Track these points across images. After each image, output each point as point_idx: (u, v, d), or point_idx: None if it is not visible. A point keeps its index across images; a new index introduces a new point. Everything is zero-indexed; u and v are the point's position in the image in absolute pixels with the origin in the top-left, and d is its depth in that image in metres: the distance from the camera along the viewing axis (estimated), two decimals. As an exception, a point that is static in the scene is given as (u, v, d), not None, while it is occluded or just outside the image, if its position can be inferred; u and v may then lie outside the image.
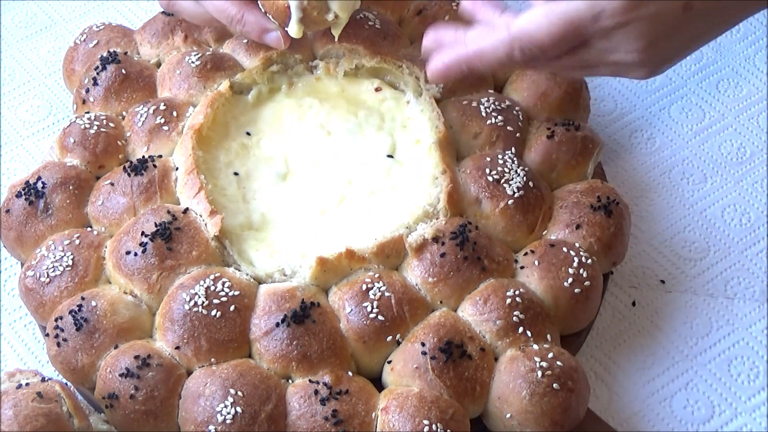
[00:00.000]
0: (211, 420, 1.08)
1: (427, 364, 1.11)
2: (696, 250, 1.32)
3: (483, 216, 1.23)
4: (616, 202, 1.25)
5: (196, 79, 1.33)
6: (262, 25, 1.28)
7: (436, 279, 1.17)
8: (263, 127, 1.32)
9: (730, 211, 1.36)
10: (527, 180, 1.25)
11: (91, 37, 1.43)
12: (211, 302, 1.14)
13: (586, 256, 1.20)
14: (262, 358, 1.13)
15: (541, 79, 1.35)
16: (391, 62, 1.34)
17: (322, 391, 1.10)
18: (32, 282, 1.20)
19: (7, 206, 1.25)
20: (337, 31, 1.29)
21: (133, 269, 1.17)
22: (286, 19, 1.25)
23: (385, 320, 1.14)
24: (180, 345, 1.13)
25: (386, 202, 1.25)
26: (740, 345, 1.24)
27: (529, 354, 1.12)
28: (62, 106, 1.48)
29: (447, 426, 1.07)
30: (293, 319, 1.13)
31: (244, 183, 1.27)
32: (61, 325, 1.14)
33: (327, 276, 1.17)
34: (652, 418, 1.18)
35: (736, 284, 1.29)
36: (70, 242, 1.21)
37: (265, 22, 1.28)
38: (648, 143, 1.43)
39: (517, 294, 1.16)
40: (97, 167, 1.29)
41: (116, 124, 1.32)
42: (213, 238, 1.19)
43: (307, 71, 1.36)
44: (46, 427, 1.01)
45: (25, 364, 1.24)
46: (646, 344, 1.24)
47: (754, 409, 1.19)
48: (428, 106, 1.30)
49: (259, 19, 1.28)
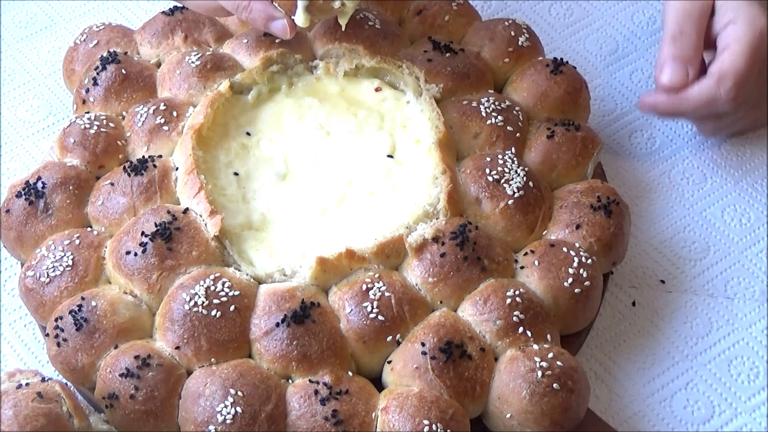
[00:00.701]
0: (211, 420, 1.08)
1: (427, 364, 1.11)
2: (696, 250, 1.32)
3: (483, 216, 1.23)
4: (616, 202, 1.25)
5: (196, 79, 1.33)
6: (268, 12, 1.27)
7: (436, 279, 1.17)
8: (263, 127, 1.32)
9: (730, 211, 1.36)
10: (527, 180, 1.25)
11: (91, 37, 1.43)
12: (211, 302, 1.14)
13: (586, 256, 1.20)
14: (262, 358, 1.13)
15: (541, 79, 1.35)
16: (391, 62, 1.34)
17: (322, 391, 1.10)
18: (32, 282, 1.20)
19: (7, 206, 1.25)
20: (344, 20, 1.29)
21: (133, 269, 1.17)
22: (293, 8, 1.25)
23: (385, 320, 1.14)
24: (180, 345, 1.13)
25: (386, 202, 1.25)
26: (740, 345, 1.24)
27: (529, 354, 1.12)
28: (62, 106, 1.48)
29: (447, 426, 1.07)
30: (293, 319, 1.13)
31: (244, 183, 1.27)
32: (61, 325, 1.14)
33: (327, 276, 1.17)
34: (652, 418, 1.18)
35: (736, 284, 1.29)
36: (70, 242, 1.21)
37: (272, 10, 1.27)
38: (648, 143, 1.43)
39: (517, 294, 1.16)
40: (97, 167, 1.29)
41: (116, 124, 1.32)
42: (213, 238, 1.19)
43: (307, 71, 1.36)
44: (46, 427, 1.01)
45: (25, 364, 1.24)
46: (646, 344, 1.24)
47: (754, 409, 1.19)
48: (428, 106, 1.30)
49: (266, 7, 1.27)
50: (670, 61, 1.28)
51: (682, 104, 1.28)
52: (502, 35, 1.40)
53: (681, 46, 1.28)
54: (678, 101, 1.28)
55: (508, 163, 1.26)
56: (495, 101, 1.32)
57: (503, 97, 1.35)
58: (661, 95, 1.30)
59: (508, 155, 1.27)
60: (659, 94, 1.30)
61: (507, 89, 1.38)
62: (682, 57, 1.27)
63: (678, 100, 1.28)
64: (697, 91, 1.27)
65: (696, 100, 1.27)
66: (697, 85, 1.27)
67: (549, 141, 1.30)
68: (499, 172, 1.24)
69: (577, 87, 1.36)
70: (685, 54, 1.27)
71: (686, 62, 1.27)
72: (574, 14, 1.58)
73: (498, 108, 1.31)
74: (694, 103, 1.27)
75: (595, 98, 1.45)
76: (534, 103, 1.34)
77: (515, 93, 1.36)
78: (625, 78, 1.50)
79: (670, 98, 1.28)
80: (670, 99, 1.28)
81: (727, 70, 1.25)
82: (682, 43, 1.28)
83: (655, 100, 1.30)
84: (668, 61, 1.28)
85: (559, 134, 1.30)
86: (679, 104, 1.29)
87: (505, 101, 1.33)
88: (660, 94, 1.30)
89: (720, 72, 1.26)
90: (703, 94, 1.26)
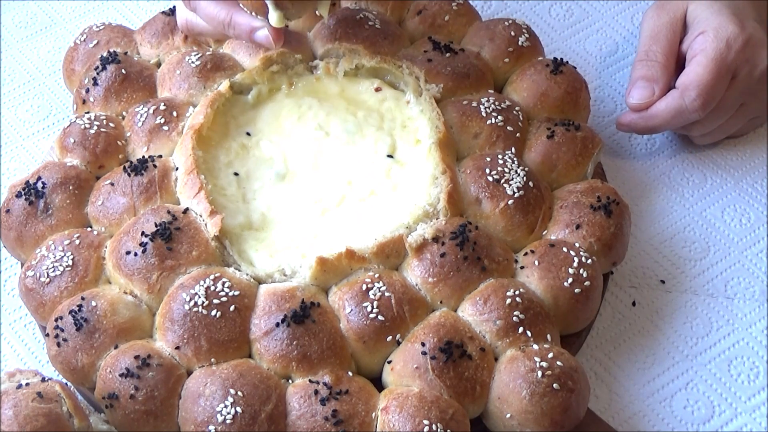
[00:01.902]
0: (211, 420, 1.08)
1: (427, 364, 1.11)
2: (696, 250, 1.32)
3: (483, 216, 1.23)
4: (616, 202, 1.25)
5: (196, 79, 1.33)
6: (250, 24, 1.27)
7: (436, 279, 1.17)
8: (263, 127, 1.32)
9: (730, 211, 1.36)
10: (527, 180, 1.25)
11: (91, 37, 1.43)
12: (211, 302, 1.14)
13: (586, 256, 1.20)
14: (262, 358, 1.13)
15: (541, 79, 1.35)
16: (391, 62, 1.34)
17: (322, 391, 1.10)
18: (32, 282, 1.20)
19: (7, 206, 1.25)
20: (324, 10, 1.28)
21: (133, 269, 1.17)
22: (264, 8, 1.23)
23: (385, 320, 1.14)
24: (180, 345, 1.13)
25: (386, 202, 1.25)
26: (740, 345, 1.24)
27: (529, 354, 1.12)
28: (62, 106, 1.48)
29: (447, 426, 1.07)
30: (293, 319, 1.13)
31: (244, 183, 1.27)
32: (61, 325, 1.14)
33: (327, 276, 1.17)
34: (652, 418, 1.18)
35: (736, 284, 1.29)
36: (70, 242, 1.21)
37: (253, 21, 1.27)
38: (648, 143, 1.43)
39: (517, 294, 1.16)
40: (97, 167, 1.29)
41: (116, 124, 1.32)
42: (213, 238, 1.19)
43: (307, 71, 1.36)
44: (46, 427, 1.01)
45: (25, 364, 1.24)
46: (646, 344, 1.24)
47: (754, 409, 1.19)
48: (428, 106, 1.30)
49: (249, 19, 1.27)
50: (637, 82, 1.35)
51: (653, 120, 1.34)
52: (502, 35, 1.40)
53: (647, 66, 1.35)
54: (649, 118, 1.34)
55: (508, 163, 1.26)
56: (495, 101, 1.32)
57: (503, 97, 1.35)
58: (634, 114, 1.35)
59: (508, 155, 1.27)
60: (632, 113, 1.36)
61: (507, 89, 1.38)
62: (647, 77, 1.34)
63: (649, 117, 1.34)
64: (664, 105, 1.33)
65: (664, 113, 1.33)
66: (663, 100, 1.33)
67: (549, 141, 1.30)
68: (499, 172, 1.24)
69: (577, 87, 1.36)
70: (650, 74, 1.34)
71: (652, 82, 1.34)
72: (574, 15, 1.58)
73: (498, 108, 1.31)
74: (664, 116, 1.33)
75: (595, 99, 1.45)
76: (534, 103, 1.34)
77: (515, 93, 1.36)
78: (625, 79, 1.49)
79: (642, 116, 1.35)
80: (641, 116, 1.35)
81: (691, 81, 1.31)
82: (647, 63, 1.35)
83: (629, 119, 1.36)
84: (635, 82, 1.35)
85: (559, 134, 1.30)
86: (651, 120, 1.34)
87: (505, 101, 1.33)
88: (633, 114, 1.35)
89: (684, 83, 1.31)
90: (669, 107, 1.32)
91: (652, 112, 1.33)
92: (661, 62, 1.34)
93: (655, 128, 1.35)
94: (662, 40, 1.36)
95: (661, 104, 1.33)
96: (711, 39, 1.31)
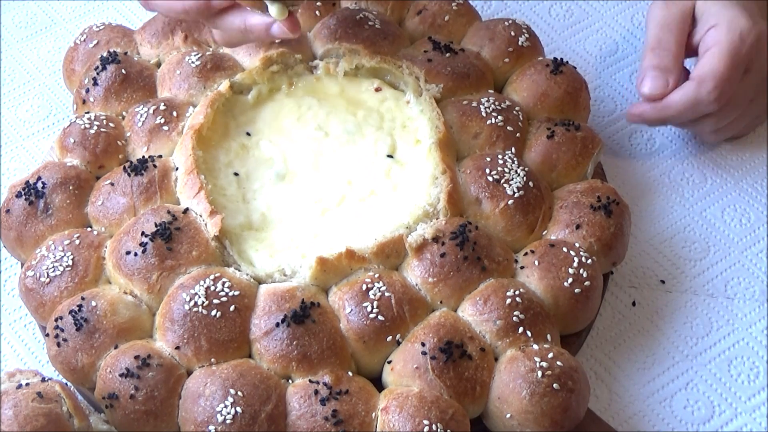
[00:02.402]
0: (211, 420, 1.08)
1: (427, 364, 1.11)
2: (696, 250, 1.32)
3: (483, 216, 1.23)
4: (616, 202, 1.25)
5: (196, 79, 1.33)
6: (264, 22, 1.25)
7: (436, 279, 1.17)
8: (263, 127, 1.32)
9: (730, 211, 1.36)
10: (527, 180, 1.25)
11: (91, 37, 1.43)
12: (211, 302, 1.14)
13: (586, 256, 1.20)
14: (262, 358, 1.13)
15: (541, 79, 1.35)
16: (391, 62, 1.34)
17: (322, 391, 1.10)
18: (32, 282, 1.20)
19: (7, 206, 1.25)
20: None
21: (133, 269, 1.17)
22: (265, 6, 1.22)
23: (385, 320, 1.14)
24: (180, 345, 1.13)
25: (386, 202, 1.25)
26: (740, 345, 1.24)
27: (529, 354, 1.12)
28: (62, 106, 1.48)
29: (447, 426, 1.07)
30: (293, 319, 1.13)
31: (244, 183, 1.27)
32: (61, 325, 1.14)
33: (327, 276, 1.17)
34: (652, 418, 1.18)
35: (736, 284, 1.29)
36: (70, 242, 1.21)
37: (265, 18, 1.25)
38: (648, 143, 1.43)
39: (517, 294, 1.16)
40: (97, 167, 1.29)
41: (116, 124, 1.32)
42: (213, 238, 1.19)
43: (307, 71, 1.36)
44: (46, 427, 1.01)
45: (25, 364, 1.24)
46: (646, 344, 1.24)
47: (754, 409, 1.19)
48: (428, 106, 1.30)
49: (260, 18, 1.26)
50: (650, 72, 1.31)
51: (666, 110, 1.31)
52: (502, 35, 1.40)
53: (659, 56, 1.32)
54: (662, 108, 1.31)
55: (508, 163, 1.26)
56: (495, 101, 1.32)
57: (503, 97, 1.35)
58: (646, 105, 1.33)
59: (508, 155, 1.27)
60: (644, 104, 1.33)
61: (507, 89, 1.38)
62: (660, 67, 1.31)
63: (662, 107, 1.31)
64: (679, 95, 1.30)
65: (679, 104, 1.30)
66: (679, 90, 1.30)
67: (549, 141, 1.30)
68: (499, 172, 1.24)
69: (577, 87, 1.36)
70: (663, 64, 1.31)
71: (665, 71, 1.31)
72: (574, 15, 1.58)
73: (498, 108, 1.31)
74: (678, 107, 1.30)
75: (595, 99, 1.45)
76: (534, 103, 1.34)
77: (515, 93, 1.36)
78: (625, 79, 1.50)
79: (655, 106, 1.32)
80: (654, 107, 1.32)
81: (707, 73, 1.28)
82: (660, 53, 1.32)
83: (641, 109, 1.33)
84: (648, 72, 1.32)
85: (559, 134, 1.30)
86: (664, 111, 1.31)
87: (505, 101, 1.33)
88: (645, 104, 1.33)
89: (700, 75, 1.29)
90: (685, 98, 1.29)
91: (666, 102, 1.31)
92: (673, 51, 1.32)
93: (667, 119, 1.33)
94: (674, 29, 1.33)
95: (675, 95, 1.30)
96: (725, 32, 1.29)
